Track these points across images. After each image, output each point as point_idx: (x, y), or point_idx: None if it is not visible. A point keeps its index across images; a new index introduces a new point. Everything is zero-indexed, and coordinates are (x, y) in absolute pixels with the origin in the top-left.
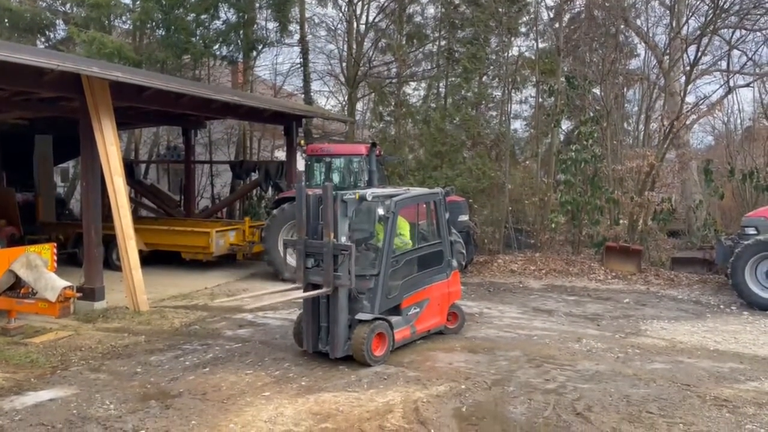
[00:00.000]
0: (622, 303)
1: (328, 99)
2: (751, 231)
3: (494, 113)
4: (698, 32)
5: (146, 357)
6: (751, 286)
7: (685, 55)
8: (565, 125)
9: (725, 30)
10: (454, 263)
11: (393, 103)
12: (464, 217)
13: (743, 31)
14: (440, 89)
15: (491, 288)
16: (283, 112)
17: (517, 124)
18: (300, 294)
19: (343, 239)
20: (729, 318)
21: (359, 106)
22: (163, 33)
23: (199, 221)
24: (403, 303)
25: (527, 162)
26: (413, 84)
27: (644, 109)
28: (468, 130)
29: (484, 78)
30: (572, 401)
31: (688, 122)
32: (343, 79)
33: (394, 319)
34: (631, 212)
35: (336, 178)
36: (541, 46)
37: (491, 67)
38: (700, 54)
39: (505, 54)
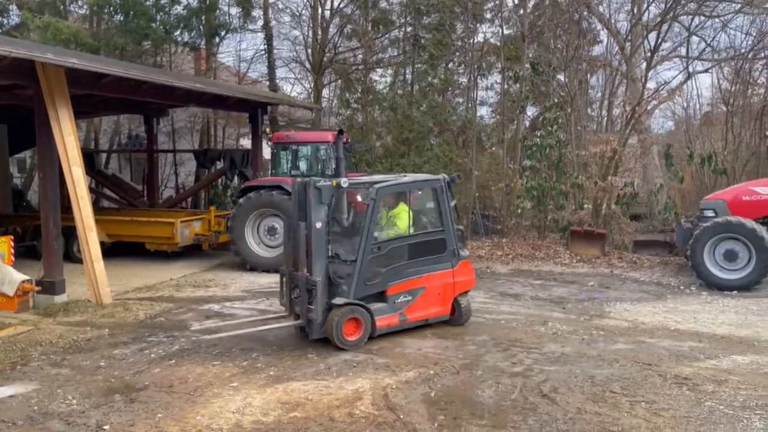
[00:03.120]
0: (586, 286)
1: (293, 86)
2: (710, 213)
3: (461, 100)
4: (658, 19)
5: (110, 350)
6: (709, 267)
7: (646, 42)
8: (531, 111)
9: (684, 17)
10: (464, 253)
11: (360, 90)
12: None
13: (702, 18)
14: (407, 76)
15: None
16: (247, 99)
17: (483, 111)
18: (285, 323)
19: (318, 225)
20: (689, 298)
21: (325, 93)
22: (122, 18)
23: (163, 211)
24: (388, 290)
25: (493, 148)
26: (380, 70)
27: (607, 94)
28: (435, 117)
29: (450, 64)
30: (539, 383)
31: (649, 108)
32: (308, 66)
33: (376, 305)
34: (595, 197)
35: (303, 166)
36: (506, 32)
37: (457, 54)
38: (660, 40)
39: (471, 40)
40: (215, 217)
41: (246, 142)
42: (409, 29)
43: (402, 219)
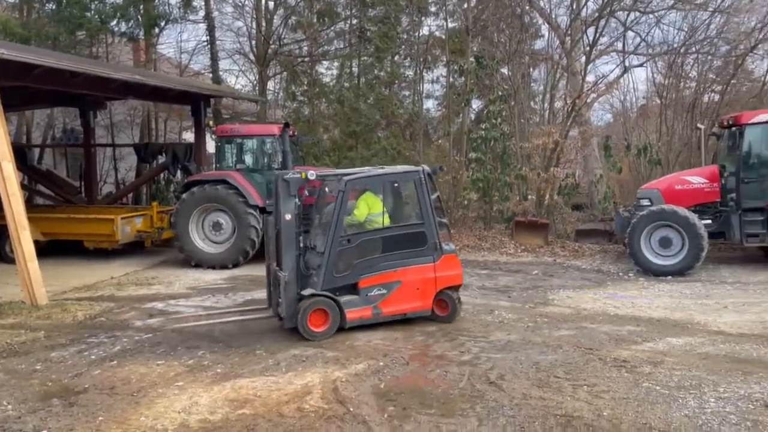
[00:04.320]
0: (531, 275)
1: (237, 78)
2: (646, 202)
3: (407, 93)
4: (596, 14)
5: (46, 353)
6: (646, 254)
7: (585, 36)
8: (476, 104)
9: (621, 12)
10: (449, 247)
11: (306, 83)
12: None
13: (637, 14)
14: (353, 68)
15: None
16: (189, 91)
17: (429, 104)
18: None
19: (288, 217)
20: (627, 284)
21: (271, 85)
22: (54, 7)
23: (102, 208)
24: (360, 283)
25: (440, 141)
26: (326, 63)
27: (549, 88)
28: (382, 110)
29: (396, 57)
30: (486, 371)
31: (588, 100)
32: (252, 58)
33: (347, 298)
34: (539, 188)
35: (248, 159)
36: (450, 25)
37: (403, 47)
38: (598, 35)
39: (416, 33)
40: (158, 213)
41: (189, 136)
42: (354, 22)
43: (359, 208)
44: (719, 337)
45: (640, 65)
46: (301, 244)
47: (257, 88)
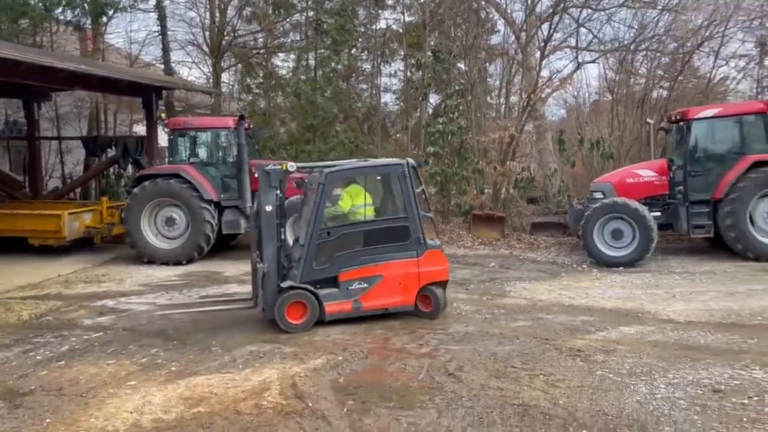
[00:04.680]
0: (488, 267)
1: (191, 69)
2: (599, 195)
3: (365, 86)
4: (550, 10)
5: None
6: (599, 246)
7: (539, 32)
8: (433, 99)
9: (574, 9)
10: (433, 242)
11: (261, 75)
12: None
13: (589, 11)
14: (310, 61)
15: None
16: (140, 82)
17: (387, 98)
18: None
19: (268, 209)
20: (581, 276)
21: (225, 77)
22: None
23: (48, 203)
24: (340, 276)
25: (398, 135)
26: (282, 55)
27: (504, 82)
28: (339, 103)
29: (354, 50)
30: (444, 363)
31: (543, 95)
32: (206, 49)
33: (327, 291)
34: (495, 181)
35: (203, 153)
36: (408, 19)
37: (360, 40)
38: (552, 31)
39: (373, 26)
40: (108, 208)
41: (140, 129)
42: (311, 14)
43: (344, 199)
44: (668, 326)
45: (593, 61)
46: (283, 236)
47: (211, 80)
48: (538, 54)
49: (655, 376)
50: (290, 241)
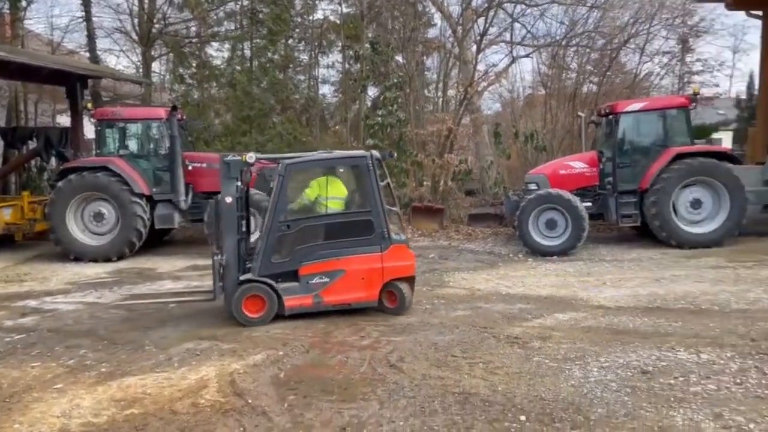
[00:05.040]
0: (428, 258)
1: (118, 58)
2: (533, 186)
3: (302, 77)
4: (486, 5)
5: None
6: (533, 236)
7: (475, 26)
8: (372, 91)
9: (509, 4)
10: (398, 237)
11: (195, 65)
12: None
13: (523, 6)
14: (245, 51)
15: None
16: (63, 70)
17: (325, 89)
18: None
19: (228, 200)
20: (517, 265)
21: (156, 66)
22: None
23: None
24: (301, 270)
25: (337, 127)
26: (216, 44)
27: (442, 76)
28: (276, 94)
29: (290, 41)
30: (386, 354)
31: (479, 89)
32: (135, 37)
33: (286, 285)
34: (434, 174)
35: (133, 145)
36: (345, 10)
37: (297, 30)
38: (487, 25)
39: (310, 17)
40: (29, 204)
41: (64, 120)
42: (245, 2)
43: (311, 188)
44: (600, 311)
45: (527, 56)
46: (244, 228)
47: (141, 69)
48: (474, 48)
49: (588, 360)
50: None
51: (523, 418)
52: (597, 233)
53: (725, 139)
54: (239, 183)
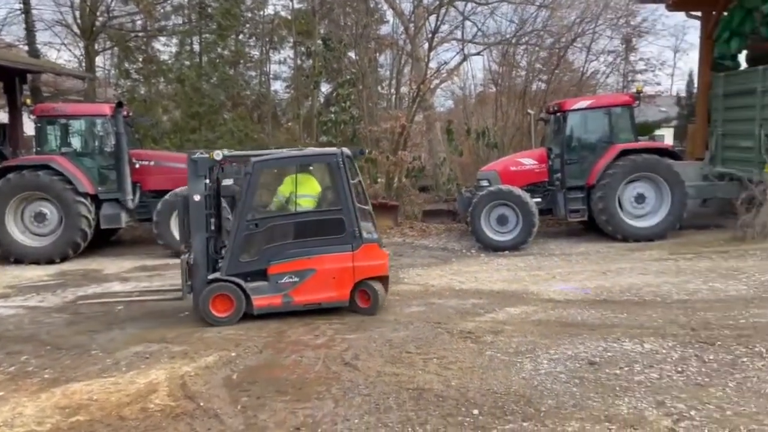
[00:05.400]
0: None
1: (59, 52)
2: (485, 183)
3: (253, 73)
4: (437, 2)
5: None
6: (486, 231)
7: (427, 24)
8: (325, 87)
9: (460, 2)
10: (371, 236)
11: (141, 60)
12: (228, 182)
13: (474, 4)
14: (194, 46)
15: None
16: (0, 65)
17: (277, 85)
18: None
19: (196, 198)
20: (470, 260)
21: (100, 61)
22: None
23: None
24: (270, 269)
25: (290, 123)
26: (163, 39)
27: (395, 73)
28: (227, 90)
29: (241, 36)
30: (341, 352)
31: (432, 86)
32: (77, 30)
33: (255, 284)
34: (388, 170)
35: (76, 142)
36: (297, 6)
37: (247, 25)
38: (439, 23)
39: (261, 12)
40: None
41: (1, 116)
42: None
43: (285, 184)
44: (549, 305)
45: (478, 54)
46: (212, 227)
47: (83, 63)
48: (426, 45)
49: (538, 353)
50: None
51: (476, 411)
52: (547, 228)
53: (667, 136)
54: (207, 181)
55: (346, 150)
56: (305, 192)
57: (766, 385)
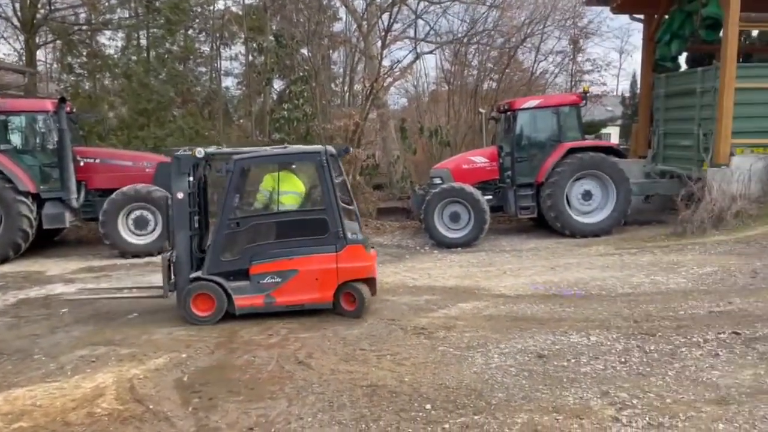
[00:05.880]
0: None
1: None
2: (438, 181)
3: (204, 69)
4: (390, 1)
5: None
6: (439, 228)
7: (380, 22)
8: (277, 84)
9: (412, 1)
10: (355, 236)
11: (85, 54)
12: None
13: (426, 3)
14: (141, 41)
15: None
16: None
17: (228, 82)
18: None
19: (180, 196)
20: (424, 257)
21: (41, 55)
22: None
23: None
24: (251, 269)
25: (241, 120)
26: (109, 33)
27: (348, 70)
28: (176, 87)
29: (190, 31)
30: (294, 351)
31: (385, 84)
32: (16, 23)
33: (236, 283)
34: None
35: (16, 139)
36: (248, 2)
37: (197, 20)
38: (392, 21)
39: (211, 7)
40: None
41: None
42: None
43: (265, 182)
44: (500, 300)
45: (430, 52)
46: (195, 225)
47: (24, 57)
48: (379, 43)
49: (489, 347)
50: None
51: (428, 406)
52: (498, 225)
53: (613, 135)
54: (191, 178)
55: (330, 148)
56: (289, 189)
57: (704, 373)
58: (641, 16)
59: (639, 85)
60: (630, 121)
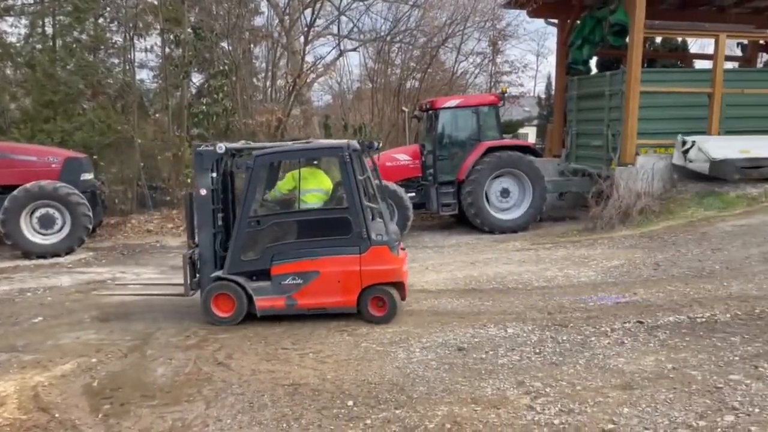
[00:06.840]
0: None
1: None
2: None
3: (116, 60)
4: None
5: None
6: None
7: (303, 17)
8: (196, 78)
9: None
10: (380, 237)
11: None
12: (88, 176)
13: (349, 0)
14: (47, 28)
15: (125, 251)
16: None
17: (143, 74)
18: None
19: (203, 192)
20: None
21: None
22: None
23: None
24: (272, 269)
25: (158, 115)
26: (11, 20)
27: (270, 65)
28: (86, 78)
29: (101, 20)
30: (213, 352)
31: (309, 80)
32: None
33: (257, 284)
34: None
35: None
36: None
37: (108, 9)
38: (315, 17)
39: None
40: None
41: None
42: None
43: (285, 180)
44: (422, 295)
45: (354, 50)
46: (219, 222)
47: None
48: (302, 39)
49: (411, 342)
50: None
51: (350, 403)
52: (420, 222)
53: (530, 134)
54: (214, 174)
55: (354, 143)
56: (313, 187)
57: (611, 361)
58: (555, 21)
59: (554, 87)
60: (545, 122)
